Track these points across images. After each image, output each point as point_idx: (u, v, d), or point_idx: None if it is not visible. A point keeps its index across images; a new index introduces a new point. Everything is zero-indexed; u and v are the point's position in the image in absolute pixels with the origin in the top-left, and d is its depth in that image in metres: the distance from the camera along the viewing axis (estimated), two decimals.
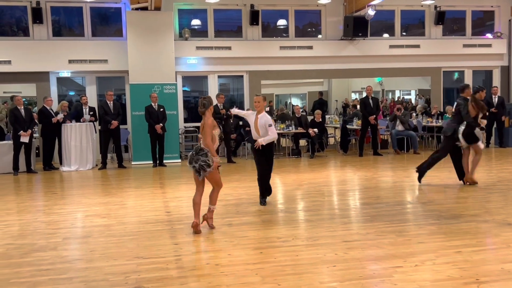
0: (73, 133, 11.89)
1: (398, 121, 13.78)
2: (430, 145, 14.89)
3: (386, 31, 16.00)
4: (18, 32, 13.92)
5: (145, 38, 13.24)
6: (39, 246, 5.41)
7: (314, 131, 13.23)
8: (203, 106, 5.67)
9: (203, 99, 5.70)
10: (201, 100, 5.70)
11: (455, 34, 16.29)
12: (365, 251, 4.91)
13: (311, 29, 15.99)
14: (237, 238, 5.49)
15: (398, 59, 15.34)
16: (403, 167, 11.14)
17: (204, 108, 5.66)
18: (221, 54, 14.30)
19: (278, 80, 15.71)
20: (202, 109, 5.66)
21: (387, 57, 15.27)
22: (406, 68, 15.54)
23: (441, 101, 16.12)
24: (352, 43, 15.01)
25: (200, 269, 4.58)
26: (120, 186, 9.68)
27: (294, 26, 15.10)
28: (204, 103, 5.67)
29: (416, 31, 16.11)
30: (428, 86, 16.54)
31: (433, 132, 14.46)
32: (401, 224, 5.96)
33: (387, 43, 15.34)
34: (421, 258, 4.65)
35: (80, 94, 13.84)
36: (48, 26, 13.60)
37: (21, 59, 13.19)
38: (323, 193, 8.22)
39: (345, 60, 15.10)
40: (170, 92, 13.06)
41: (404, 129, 13.72)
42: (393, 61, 15.34)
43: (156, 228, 6.10)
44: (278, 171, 11.01)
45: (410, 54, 15.34)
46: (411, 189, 8.62)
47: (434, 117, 14.71)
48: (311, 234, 5.59)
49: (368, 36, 14.87)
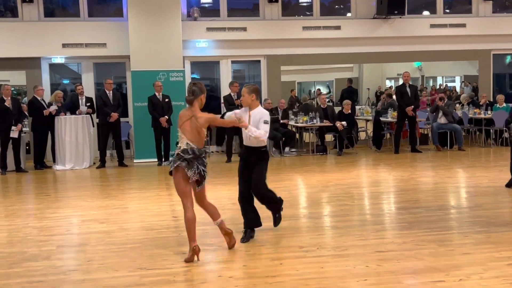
0: (68, 127, 12.01)
1: (441, 112, 13.65)
2: (477, 140, 14.73)
3: (426, 8, 15.82)
4: (5, 12, 14.10)
5: (148, 18, 13.31)
6: (30, 255, 5.50)
7: (342, 124, 13.18)
8: (192, 93, 5.18)
9: (193, 85, 5.23)
10: (190, 86, 5.24)
11: (508, 11, 16.04)
12: (401, 263, 4.89)
13: (339, 6, 15.89)
14: (253, 247, 5.51)
15: (441, 41, 15.17)
16: (445, 166, 11.04)
17: (193, 96, 5.18)
18: (235, 36, 14.30)
19: (300, 65, 15.65)
20: (191, 97, 5.19)
21: (428, 38, 15.10)
22: (449, 51, 15.35)
23: (491, 89, 15.90)
24: (386, 22, 14.89)
25: (211, 282, 4.62)
26: (121, 187, 9.77)
27: (319, 3, 15.03)
28: (193, 89, 5.18)
29: (462, 8, 15.89)
30: (476, 72, 16.33)
31: (481, 125, 14.28)
32: (443, 232, 5.92)
33: (427, 22, 15.17)
34: (466, 271, 4.62)
35: (75, 82, 13.97)
36: (39, 5, 13.74)
37: (9, 43, 13.33)
38: (353, 196, 8.20)
39: (379, 42, 14.98)
40: (177, 80, 13.11)
41: (447, 122, 13.58)
42: (434, 42, 15.17)
43: (162, 235, 6.15)
44: (301, 170, 11.01)
45: (454, 35, 15.15)
46: (455, 191, 8.54)
47: (483, 108, 14.53)
48: (338, 243, 5.58)
49: (405, 14, 14.72)
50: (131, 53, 13.31)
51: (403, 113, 12.99)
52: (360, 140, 14.83)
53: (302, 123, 13.45)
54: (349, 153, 13.41)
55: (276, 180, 9.78)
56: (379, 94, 18.28)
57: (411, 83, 13.38)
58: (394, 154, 13.02)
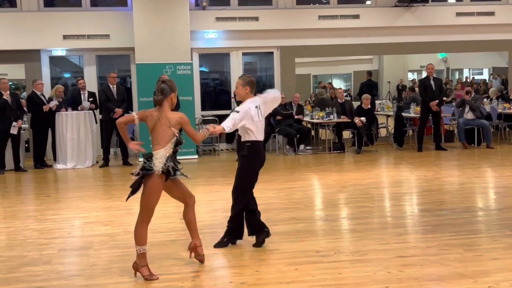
0: (70, 124, 12.08)
1: (467, 107, 13.56)
2: (507, 137, 14.61)
3: None
4: (3, 2, 14.22)
5: (154, 8, 13.35)
6: (30, 259, 5.55)
7: (361, 120, 13.14)
8: (161, 92, 4.83)
9: (161, 83, 4.88)
10: (159, 84, 4.89)
11: None
12: (425, 268, 4.87)
13: None
14: (266, 251, 5.51)
15: (467, 30, 15.06)
16: (473, 164, 10.98)
17: (162, 95, 4.84)
18: (246, 26, 14.31)
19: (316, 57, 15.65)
20: (159, 96, 4.83)
21: (453, 28, 15.00)
22: (477, 41, 15.25)
23: None
24: (409, 11, 14.82)
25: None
26: (126, 187, 9.73)
27: None
28: (163, 88, 4.83)
29: None
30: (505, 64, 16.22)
31: (511, 121, 14.17)
32: (470, 236, 5.89)
33: (453, 10, 15.08)
34: (495, 277, 4.59)
35: (77, 76, 14.06)
36: None
37: (7, 34, 13.45)
38: (373, 197, 8.18)
39: (400, 32, 14.91)
40: (185, 73, 13.14)
41: (474, 118, 13.49)
42: (460, 32, 15.07)
43: (169, 238, 6.18)
44: (317, 169, 11.00)
45: (482, 24, 15.04)
46: (483, 192, 8.49)
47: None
48: (357, 247, 5.58)
49: (429, 1, 14.64)
50: (135, 45, 13.36)
51: (426, 108, 12.92)
52: (381, 137, 14.78)
53: (318, 119, 13.44)
54: (369, 151, 13.37)
55: (290, 180, 9.80)
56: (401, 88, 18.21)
57: (435, 76, 13.31)
58: (417, 152, 12.96)
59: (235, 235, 5.72)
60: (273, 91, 6.05)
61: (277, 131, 13.38)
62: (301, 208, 7.45)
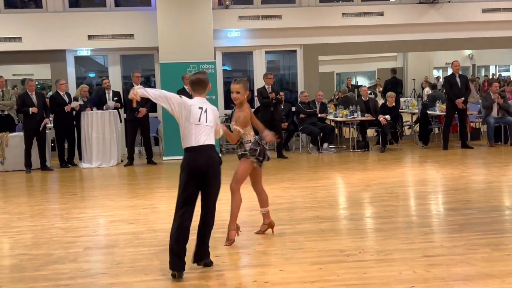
0: (95, 123, 12.20)
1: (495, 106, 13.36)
2: None
3: None
4: (29, 3, 14.42)
5: (177, 7, 13.42)
6: (57, 257, 5.62)
7: (386, 118, 13.05)
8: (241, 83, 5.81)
9: (240, 81, 5.87)
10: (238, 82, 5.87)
11: None
12: (451, 268, 4.82)
13: None
14: (290, 250, 5.51)
15: (493, 27, 14.87)
16: (499, 163, 10.83)
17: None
18: (270, 24, 14.31)
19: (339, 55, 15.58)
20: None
21: (479, 24, 14.82)
22: (503, 38, 15.03)
23: None
24: (433, 7, 14.67)
25: (246, 287, 4.63)
26: (150, 186, 9.89)
27: None
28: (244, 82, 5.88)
29: None
30: None
31: None
32: (497, 235, 5.81)
33: (479, 6, 14.89)
34: None
35: (101, 76, 14.20)
36: None
37: (33, 35, 13.66)
38: (397, 196, 8.12)
39: (425, 29, 14.77)
40: (208, 72, 13.14)
41: (501, 116, 13.31)
42: (486, 29, 14.88)
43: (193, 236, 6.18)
44: (340, 168, 10.96)
45: (509, 20, 14.83)
46: (510, 191, 8.37)
47: None
48: (382, 246, 5.54)
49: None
50: (159, 44, 13.45)
51: (452, 105, 12.79)
52: (405, 135, 14.67)
53: (341, 117, 13.38)
54: (393, 150, 13.27)
55: (314, 179, 9.78)
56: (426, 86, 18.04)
57: (461, 73, 13.16)
58: (442, 150, 12.84)
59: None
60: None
61: (301, 130, 13.35)
62: (325, 207, 7.43)
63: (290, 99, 14.77)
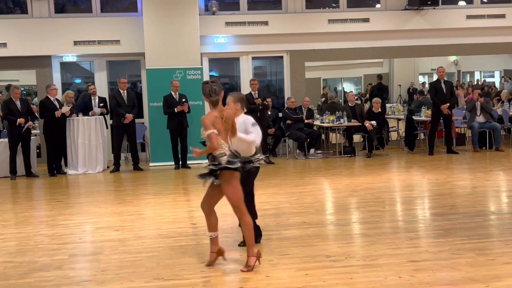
0: (81, 129, 12.12)
1: (479, 111, 13.48)
2: None
3: None
4: (14, 9, 14.34)
5: (164, 13, 13.40)
6: (42, 265, 5.58)
7: (372, 124, 13.11)
8: (215, 92, 5.14)
9: (212, 84, 5.13)
10: (209, 85, 5.13)
11: None
12: (436, 273, 4.85)
13: None
14: (277, 256, 5.51)
15: (478, 33, 14.99)
16: (484, 168, 10.92)
17: (217, 95, 5.15)
18: (256, 30, 14.33)
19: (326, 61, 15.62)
20: (216, 97, 5.16)
21: (464, 31, 14.94)
22: (488, 44, 15.17)
23: None
24: (419, 14, 14.77)
25: None
26: (136, 192, 9.86)
27: None
28: (215, 88, 5.12)
29: None
30: None
31: None
32: (482, 240, 5.85)
33: (463, 12, 15.02)
34: (508, 282, 4.56)
35: (87, 82, 14.14)
36: (49, 1, 13.92)
37: (19, 41, 13.56)
38: (384, 201, 8.15)
39: (411, 35, 14.87)
40: (195, 78, 13.19)
41: (485, 121, 13.42)
42: (471, 35, 15.00)
43: (180, 243, 6.18)
44: (327, 173, 10.98)
45: (493, 26, 14.97)
46: (495, 196, 8.43)
47: None
48: (368, 252, 5.56)
49: (439, 4, 14.59)
50: (146, 50, 13.42)
51: (438, 111, 12.88)
52: (391, 141, 14.74)
53: (328, 122, 13.42)
54: (380, 155, 13.33)
55: (301, 184, 9.79)
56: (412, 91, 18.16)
57: (446, 79, 13.26)
58: (428, 155, 12.91)
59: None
60: (254, 136, 5.59)
61: (287, 135, 13.37)
62: (312, 213, 7.44)
63: (277, 105, 14.80)
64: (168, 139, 12.46)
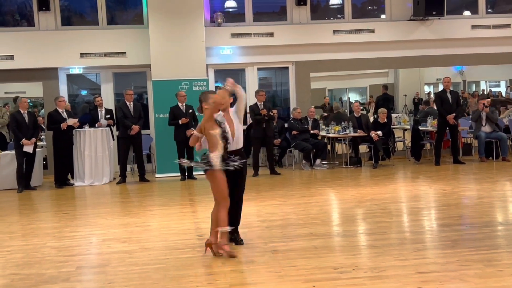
0: (88, 141, 12.16)
1: (485, 120, 13.45)
2: None
3: (467, 8, 15.68)
4: (21, 21, 14.44)
5: (170, 25, 13.47)
6: (49, 277, 5.58)
7: (378, 134, 13.10)
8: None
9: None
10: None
11: None
12: (444, 285, 4.82)
13: (372, 8, 15.85)
14: (283, 268, 5.49)
15: (483, 43, 14.99)
16: (491, 178, 10.87)
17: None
18: (261, 42, 14.38)
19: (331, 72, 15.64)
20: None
21: (469, 41, 14.94)
22: (493, 54, 15.16)
23: None
24: (424, 24, 14.79)
25: None
26: (143, 203, 9.86)
27: (351, 4, 15.02)
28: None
29: (506, 7, 15.71)
30: None
31: None
32: (490, 251, 5.82)
33: (468, 23, 15.03)
34: None
35: (94, 93, 14.19)
36: (56, 13, 14.03)
37: (25, 53, 13.64)
38: (390, 212, 8.12)
39: (416, 46, 14.88)
40: (201, 89, 13.21)
41: (492, 131, 13.39)
42: (476, 45, 15.01)
43: (186, 255, 6.17)
44: (333, 184, 10.96)
45: (498, 36, 14.97)
46: (502, 206, 8.39)
47: None
48: (376, 263, 5.53)
49: (444, 14, 14.61)
50: (152, 62, 13.47)
51: (444, 121, 12.86)
52: (397, 151, 14.71)
53: (334, 133, 13.41)
54: (386, 165, 13.30)
55: (307, 195, 9.78)
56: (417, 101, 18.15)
57: (452, 89, 13.24)
58: (434, 166, 12.87)
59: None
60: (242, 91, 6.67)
61: (293, 146, 13.37)
62: (318, 224, 7.42)
63: (283, 115, 14.81)
64: (174, 151, 12.47)
